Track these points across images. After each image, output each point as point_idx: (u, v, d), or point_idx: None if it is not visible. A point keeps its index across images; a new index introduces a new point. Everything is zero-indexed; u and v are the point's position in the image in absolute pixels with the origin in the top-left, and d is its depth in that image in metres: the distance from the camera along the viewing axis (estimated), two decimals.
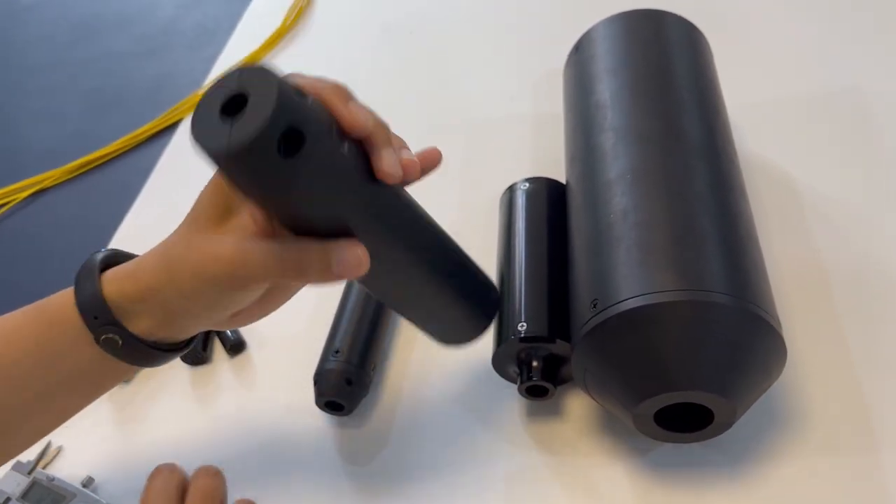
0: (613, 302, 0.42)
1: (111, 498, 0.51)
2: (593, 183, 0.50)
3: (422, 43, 0.89)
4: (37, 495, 0.49)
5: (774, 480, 0.44)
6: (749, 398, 0.42)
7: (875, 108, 0.65)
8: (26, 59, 1.11)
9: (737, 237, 0.45)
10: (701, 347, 0.41)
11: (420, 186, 0.71)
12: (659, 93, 0.52)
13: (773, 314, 0.43)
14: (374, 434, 0.52)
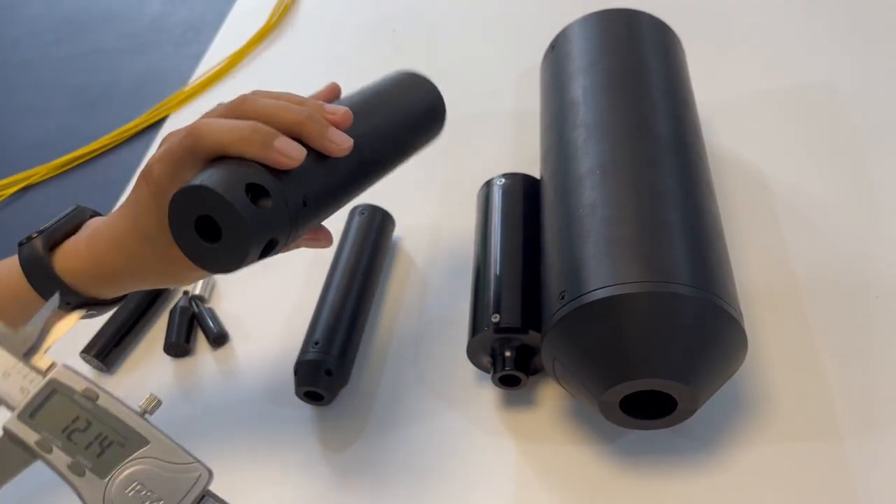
0: (580, 293, 0.43)
1: None
2: (564, 178, 0.51)
3: (404, 40, 0.90)
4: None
5: (739, 465, 0.46)
6: (711, 386, 0.44)
7: (847, 105, 0.67)
8: (13, 55, 1.11)
9: (701, 231, 0.46)
10: (664, 337, 0.42)
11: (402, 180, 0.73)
12: (629, 90, 0.54)
13: (735, 305, 0.44)
14: (352, 423, 0.53)
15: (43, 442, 0.32)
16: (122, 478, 0.32)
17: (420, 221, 0.66)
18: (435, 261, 0.63)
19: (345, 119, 0.42)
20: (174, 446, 0.32)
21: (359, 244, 0.60)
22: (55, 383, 0.33)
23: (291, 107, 0.41)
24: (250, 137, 0.38)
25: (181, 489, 0.31)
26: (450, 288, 0.60)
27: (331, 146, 0.41)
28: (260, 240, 0.37)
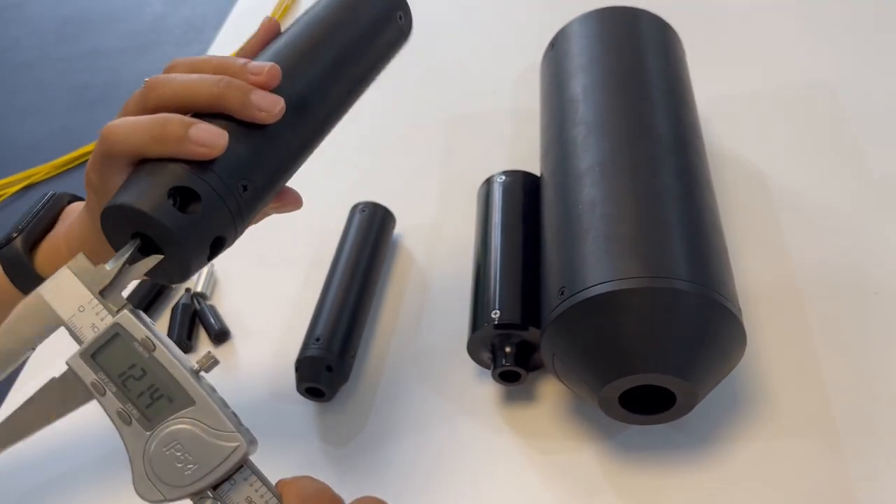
0: (580, 289, 0.43)
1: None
2: (564, 175, 0.51)
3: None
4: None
5: (737, 460, 0.46)
6: (710, 381, 0.44)
7: (846, 104, 0.67)
8: (15, 56, 1.12)
9: (700, 227, 0.46)
10: (663, 332, 0.42)
11: (403, 178, 0.73)
12: (629, 88, 0.54)
13: (734, 301, 0.45)
14: (353, 418, 0.53)
15: (98, 384, 0.32)
16: (164, 434, 0.31)
17: (421, 219, 0.66)
18: (435, 258, 0.63)
19: (271, 77, 0.37)
20: (218, 412, 0.31)
21: (359, 242, 0.60)
22: (118, 327, 0.32)
23: (205, 80, 0.37)
24: (161, 135, 0.35)
25: (215, 458, 0.31)
26: (450, 285, 0.60)
27: (258, 114, 0.37)
28: (200, 246, 0.35)
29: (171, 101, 0.37)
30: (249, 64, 0.38)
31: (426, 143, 0.74)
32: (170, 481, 0.31)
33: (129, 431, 0.32)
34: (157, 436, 0.31)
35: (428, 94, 0.81)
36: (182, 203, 0.35)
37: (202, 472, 0.31)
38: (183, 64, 0.39)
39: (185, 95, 0.37)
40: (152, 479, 0.31)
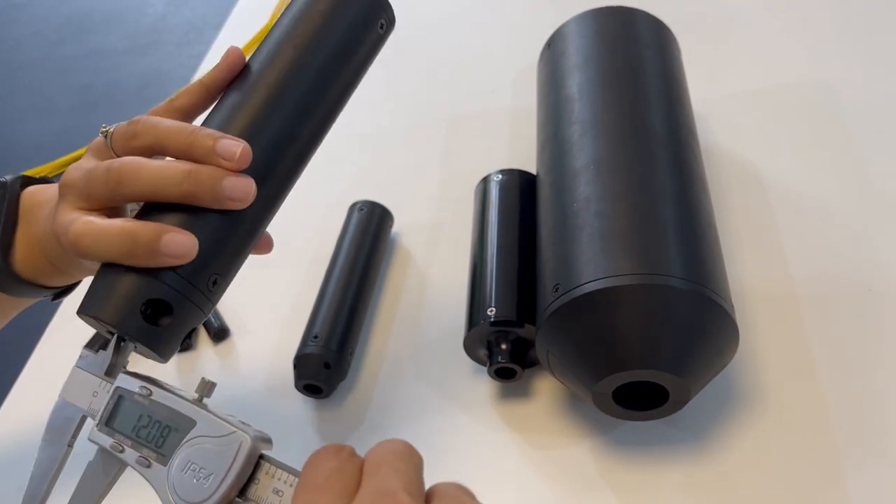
0: (574, 286, 0.44)
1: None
2: (560, 173, 0.52)
3: (403, 40, 0.91)
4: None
5: (731, 456, 0.47)
6: (703, 377, 0.44)
7: (842, 103, 0.67)
8: (17, 56, 1.12)
9: (694, 225, 0.47)
10: (656, 329, 0.43)
11: (401, 177, 0.74)
12: (624, 87, 0.54)
13: (727, 298, 0.45)
14: (351, 415, 0.54)
15: (116, 444, 0.35)
16: (178, 461, 0.33)
17: (419, 217, 0.67)
18: (433, 256, 0.64)
19: (242, 161, 0.36)
20: (217, 420, 0.33)
21: (357, 240, 0.61)
22: (120, 389, 0.35)
23: (174, 175, 0.36)
24: (132, 251, 0.35)
25: (227, 459, 0.32)
26: (447, 282, 0.60)
27: (229, 204, 0.36)
28: (172, 346, 0.37)
29: (140, 197, 0.37)
30: (219, 144, 0.36)
31: (424, 142, 0.75)
32: (195, 499, 0.32)
33: (150, 473, 0.34)
34: (173, 465, 0.33)
35: (426, 93, 0.81)
36: (154, 310, 0.36)
37: (220, 478, 0.32)
38: (147, 132, 0.38)
39: (153, 193, 0.36)
40: (183, 502, 0.32)
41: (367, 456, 0.30)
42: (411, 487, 0.28)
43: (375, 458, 0.29)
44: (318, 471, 0.29)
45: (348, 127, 0.79)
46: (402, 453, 0.30)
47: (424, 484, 0.30)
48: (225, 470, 0.32)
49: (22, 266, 0.44)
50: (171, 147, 0.37)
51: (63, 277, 0.45)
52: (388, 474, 0.28)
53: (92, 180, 0.38)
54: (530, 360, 0.51)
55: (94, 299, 0.36)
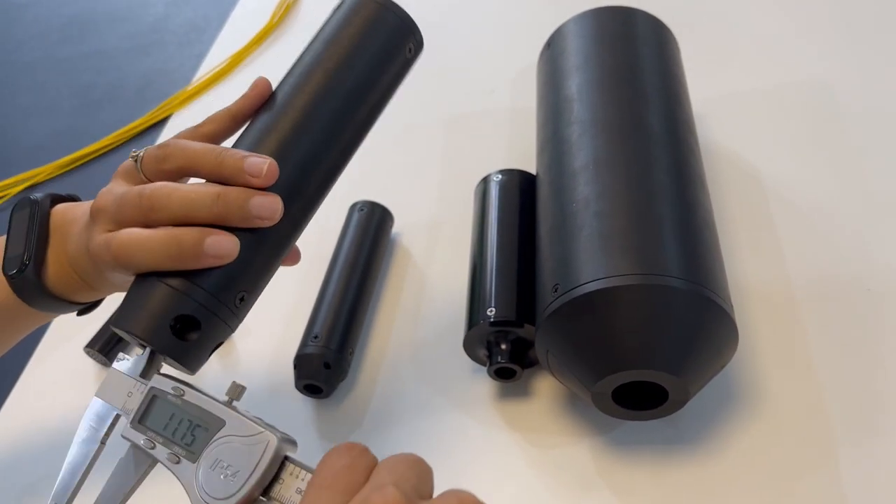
0: (573, 286, 0.44)
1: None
2: (559, 173, 0.52)
3: None
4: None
5: (730, 455, 0.47)
6: (702, 377, 0.44)
7: (841, 102, 0.67)
8: (18, 56, 1.12)
9: (693, 224, 0.47)
10: (655, 329, 0.43)
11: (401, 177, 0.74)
12: (624, 87, 0.54)
13: (726, 298, 0.45)
14: (351, 414, 0.54)
15: (148, 441, 0.36)
16: (207, 458, 0.34)
17: (418, 218, 0.67)
18: (433, 256, 0.64)
19: (269, 177, 0.38)
20: (246, 421, 0.34)
21: (358, 240, 0.61)
22: (154, 389, 0.37)
23: (204, 199, 0.37)
24: (180, 255, 0.37)
25: (254, 458, 0.33)
26: (447, 282, 0.61)
27: (258, 223, 0.38)
28: (201, 360, 0.39)
29: (171, 221, 0.38)
30: (247, 162, 0.38)
31: (424, 142, 0.75)
32: (222, 495, 0.33)
33: (179, 469, 0.35)
34: (201, 463, 0.34)
35: (426, 94, 0.81)
36: (183, 325, 0.37)
37: (246, 475, 0.33)
38: (177, 155, 0.39)
39: (185, 217, 0.37)
40: (208, 501, 0.33)
41: (381, 462, 0.31)
42: (405, 485, 0.29)
43: (383, 463, 0.31)
44: (328, 469, 0.30)
45: None
46: (410, 461, 0.31)
47: (434, 491, 0.30)
48: (251, 468, 0.33)
49: (53, 282, 0.44)
50: (201, 168, 0.39)
51: (92, 294, 0.46)
52: (385, 475, 0.29)
53: (124, 205, 0.39)
54: (530, 360, 0.51)
55: (126, 314, 0.38)
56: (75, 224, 0.44)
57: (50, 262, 0.44)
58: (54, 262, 0.44)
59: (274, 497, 0.33)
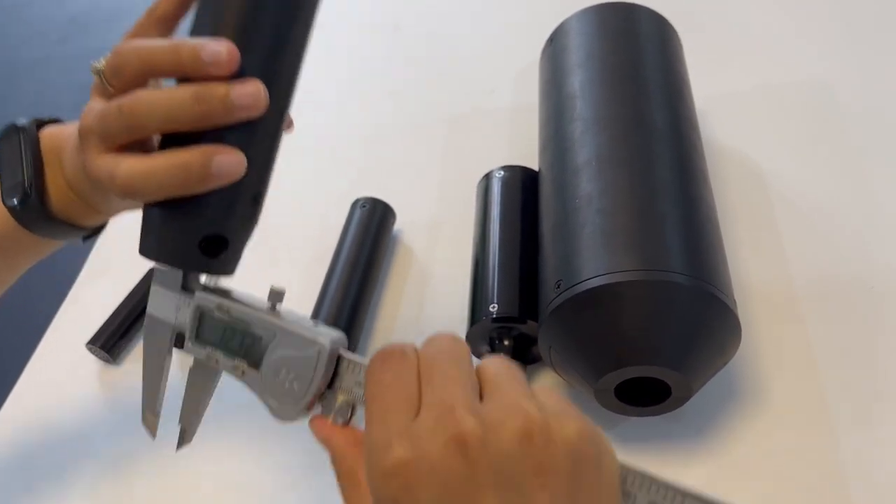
0: (576, 282, 0.44)
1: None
2: (562, 170, 0.52)
3: (406, 38, 0.91)
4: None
5: (732, 452, 0.47)
6: (705, 374, 0.44)
7: (844, 101, 0.67)
8: (21, 55, 1.13)
9: (696, 221, 0.47)
10: (658, 325, 0.43)
11: (404, 174, 0.74)
12: (626, 83, 0.54)
13: (729, 294, 0.45)
14: None
15: (209, 356, 0.38)
16: (268, 368, 0.36)
17: (421, 215, 0.67)
18: (435, 253, 0.64)
19: (230, 61, 0.35)
20: (295, 330, 0.35)
21: (360, 237, 0.61)
22: (200, 307, 0.38)
23: (182, 102, 0.35)
24: (187, 182, 0.35)
25: (310, 363, 0.35)
26: (449, 279, 0.60)
27: (244, 112, 0.35)
28: (233, 264, 0.39)
29: (156, 130, 0.37)
30: (204, 53, 0.35)
31: (426, 140, 0.75)
32: (290, 401, 0.35)
33: (246, 378, 0.37)
34: (264, 372, 0.36)
35: (428, 91, 0.82)
36: (209, 243, 0.37)
37: (307, 382, 0.35)
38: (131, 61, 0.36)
39: (168, 123, 0.36)
40: (280, 403, 0.36)
41: (420, 357, 0.31)
42: (467, 395, 0.29)
43: (429, 363, 0.31)
44: (379, 385, 0.31)
45: (350, 125, 0.79)
46: (453, 354, 0.31)
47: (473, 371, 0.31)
48: (311, 373, 0.35)
49: (58, 208, 0.44)
50: (160, 68, 0.36)
51: (97, 216, 0.45)
52: (443, 384, 0.29)
53: (107, 123, 0.37)
54: (532, 356, 0.51)
55: (152, 243, 0.38)
56: (68, 146, 0.43)
57: (50, 188, 0.43)
58: (54, 187, 0.43)
59: (337, 390, 0.35)
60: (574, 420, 0.29)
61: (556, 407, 0.29)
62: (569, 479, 0.27)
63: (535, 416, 0.28)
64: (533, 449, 0.27)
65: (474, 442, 0.27)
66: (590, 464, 0.28)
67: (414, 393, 0.30)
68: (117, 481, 0.53)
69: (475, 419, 0.27)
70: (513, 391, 0.29)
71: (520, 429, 0.27)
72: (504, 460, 0.27)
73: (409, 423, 0.29)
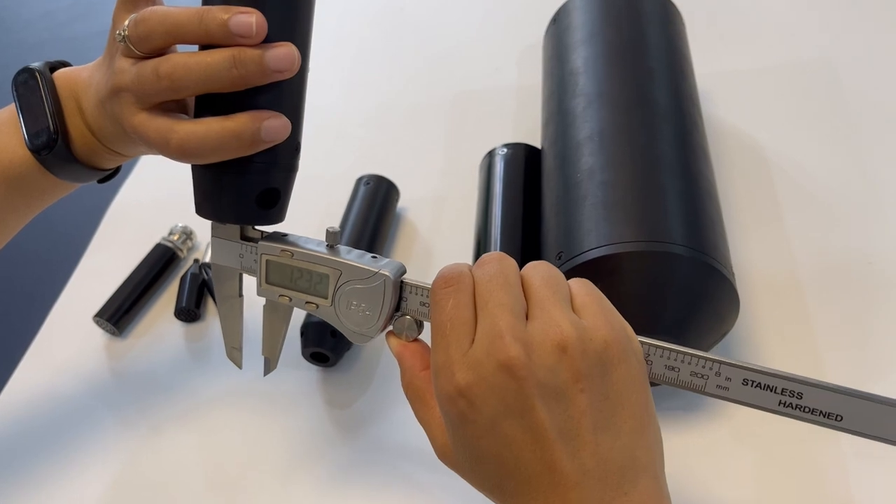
0: (576, 253, 0.45)
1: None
2: (564, 145, 0.52)
3: (411, 18, 0.91)
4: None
5: (728, 425, 0.47)
6: (703, 345, 0.45)
7: (846, 81, 0.67)
8: (26, 37, 1.13)
9: (696, 194, 0.47)
10: (657, 295, 0.43)
11: (408, 152, 0.74)
12: (629, 60, 0.55)
13: (728, 266, 0.46)
14: (356, 383, 0.55)
15: (283, 295, 0.42)
16: (340, 301, 0.40)
17: (424, 192, 0.67)
18: (438, 230, 0.64)
19: (259, 33, 0.36)
20: (358, 265, 0.40)
21: (364, 213, 0.62)
22: (266, 255, 0.42)
23: (219, 64, 0.36)
24: (239, 148, 0.38)
25: (378, 294, 0.39)
26: (452, 255, 0.61)
27: (281, 76, 0.37)
28: (285, 212, 0.42)
29: (194, 92, 0.38)
30: (233, 22, 0.36)
31: (430, 118, 0.75)
32: (366, 327, 0.40)
33: (320, 312, 0.41)
34: (337, 304, 0.41)
35: (432, 70, 0.82)
36: (264, 197, 0.40)
37: (378, 309, 0.40)
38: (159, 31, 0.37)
39: (206, 86, 0.37)
40: (357, 329, 0.41)
41: (476, 281, 0.35)
42: (514, 319, 0.33)
43: (482, 288, 0.35)
44: (442, 312, 0.35)
45: (355, 103, 0.80)
46: (502, 279, 0.35)
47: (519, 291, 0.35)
48: (380, 302, 0.39)
49: (80, 152, 0.45)
50: (187, 37, 0.38)
51: (117, 158, 0.46)
52: (494, 311, 0.34)
53: (144, 84, 0.38)
54: None
55: (212, 205, 0.41)
56: (87, 92, 0.43)
57: (72, 133, 0.44)
58: (76, 131, 0.44)
59: (405, 312, 0.40)
60: (602, 327, 0.33)
61: (588, 315, 0.34)
62: (602, 379, 0.33)
63: (569, 331, 0.32)
64: (569, 360, 0.32)
65: (520, 363, 0.32)
66: (619, 364, 0.33)
67: (470, 318, 0.34)
68: (121, 452, 0.54)
69: (519, 344, 0.32)
70: (552, 308, 0.33)
71: (557, 344, 0.32)
72: (546, 373, 0.32)
73: (467, 350, 0.33)
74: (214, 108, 0.38)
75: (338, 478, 0.50)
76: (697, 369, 0.35)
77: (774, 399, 0.34)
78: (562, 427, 0.32)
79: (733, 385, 0.34)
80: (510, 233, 0.54)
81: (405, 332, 0.40)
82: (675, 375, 0.35)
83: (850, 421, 0.33)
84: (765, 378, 0.34)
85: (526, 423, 0.32)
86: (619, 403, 0.33)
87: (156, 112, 0.39)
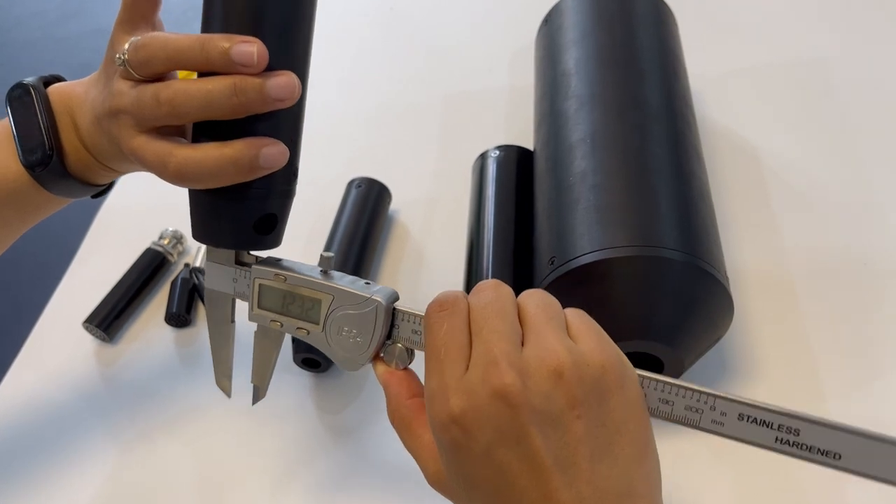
0: (569, 258, 0.44)
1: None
2: (556, 147, 0.52)
3: (401, 19, 0.91)
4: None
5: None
6: (697, 349, 0.45)
7: (839, 81, 0.67)
8: (17, 35, 1.12)
9: (689, 197, 0.47)
10: (650, 300, 0.43)
11: (400, 154, 0.74)
12: (621, 61, 0.54)
13: (721, 270, 0.45)
14: (348, 388, 0.54)
15: (275, 320, 0.41)
16: (331, 327, 0.40)
17: (417, 194, 0.67)
18: (430, 232, 0.64)
19: (261, 62, 0.36)
20: (350, 291, 0.39)
21: (356, 216, 0.61)
22: (259, 279, 0.41)
23: (220, 92, 0.36)
24: (237, 175, 0.37)
25: (370, 320, 0.39)
26: (444, 258, 0.61)
27: (281, 104, 0.37)
28: (281, 236, 0.42)
29: (193, 119, 0.38)
30: (234, 52, 0.36)
31: (422, 120, 0.75)
32: (354, 353, 0.40)
33: (311, 338, 0.41)
34: (328, 331, 0.40)
35: (423, 72, 0.81)
36: (262, 222, 0.40)
37: (369, 336, 0.39)
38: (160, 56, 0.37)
39: (206, 113, 0.37)
40: (347, 356, 0.40)
41: (471, 308, 0.35)
42: (509, 347, 0.32)
43: (477, 315, 0.34)
44: (436, 337, 0.35)
45: (345, 105, 0.79)
46: (497, 306, 0.34)
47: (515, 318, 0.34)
48: (371, 329, 0.39)
49: (74, 168, 0.44)
50: (187, 64, 0.38)
51: (111, 174, 0.46)
52: (489, 338, 0.33)
53: (143, 109, 0.38)
54: None
55: (209, 231, 0.41)
56: (82, 108, 0.43)
57: (66, 149, 0.44)
58: (70, 147, 0.44)
59: (396, 339, 0.39)
60: (599, 354, 0.33)
61: (584, 342, 0.33)
62: (599, 406, 0.32)
63: (565, 357, 0.32)
64: (566, 386, 0.31)
65: (515, 390, 0.31)
66: (615, 390, 0.32)
67: (465, 344, 0.34)
68: (111, 459, 0.53)
69: (514, 371, 0.32)
70: (548, 334, 0.33)
71: (553, 370, 0.31)
72: (542, 400, 0.31)
73: (461, 376, 0.33)
74: (212, 134, 0.38)
75: (328, 483, 0.50)
76: (692, 403, 0.33)
77: (771, 435, 0.33)
78: (558, 455, 0.31)
79: (728, 420, 0.33)
80: (502, 235, 0.53)
81: (395, 361, 0.39)
82: (670, 409, 0.34)
83: (848, 460, 0.31)
84: (761, 413, 0.32)
85: (521, 451, 0.31)
86: (617, 430, 0.32)
87: (154, 135, 0.39)
